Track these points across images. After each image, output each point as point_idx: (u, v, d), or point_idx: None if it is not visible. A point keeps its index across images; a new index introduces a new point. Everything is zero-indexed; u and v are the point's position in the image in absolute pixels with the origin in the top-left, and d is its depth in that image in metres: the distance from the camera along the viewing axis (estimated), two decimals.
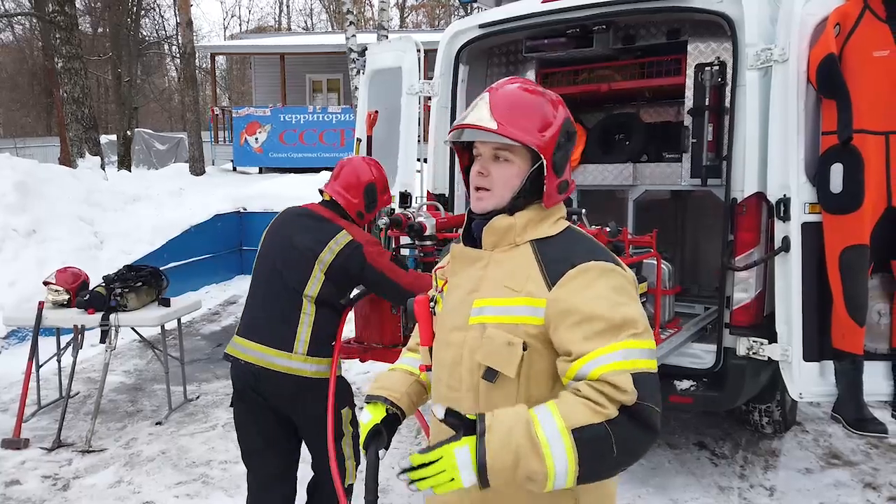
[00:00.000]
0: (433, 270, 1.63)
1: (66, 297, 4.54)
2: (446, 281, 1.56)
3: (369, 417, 1.58)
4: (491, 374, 1.37)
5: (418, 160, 4.47)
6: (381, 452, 1.52)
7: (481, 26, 4.16)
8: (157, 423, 4.55)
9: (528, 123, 1.40)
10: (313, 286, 2.53)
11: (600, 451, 1.22)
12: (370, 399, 1.62)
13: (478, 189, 1.45)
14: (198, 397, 5.07)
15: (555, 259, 1.38)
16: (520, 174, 1.42)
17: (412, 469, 1.23)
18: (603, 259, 1.37)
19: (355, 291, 2.84)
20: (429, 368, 1.58)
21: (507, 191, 1.43)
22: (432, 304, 1.59)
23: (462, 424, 1.26)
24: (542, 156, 1.40)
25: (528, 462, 1.20)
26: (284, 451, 2.66)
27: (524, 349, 1.35)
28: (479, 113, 1.41)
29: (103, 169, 11.18)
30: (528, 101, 1.43)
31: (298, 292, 2.53)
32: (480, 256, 1.47)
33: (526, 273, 1.39)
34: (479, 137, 1.44)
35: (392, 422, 1.59)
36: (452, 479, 1.21)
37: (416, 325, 1.65)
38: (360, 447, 1.56)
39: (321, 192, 2.83)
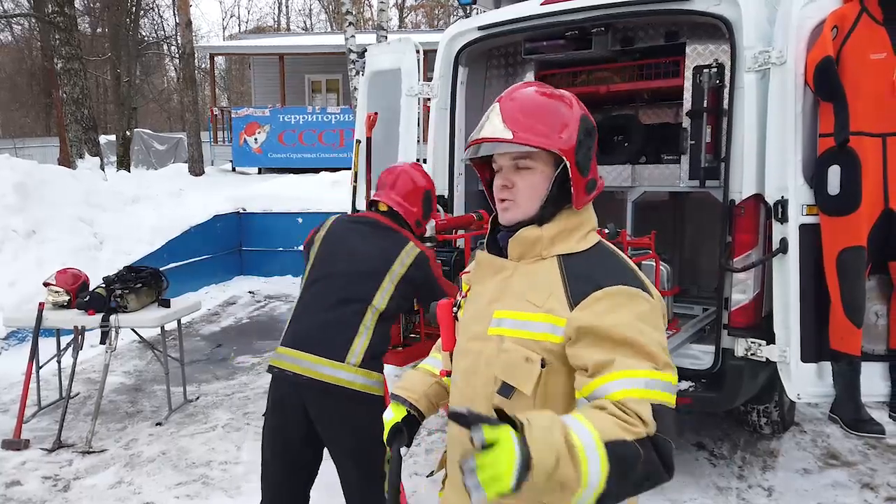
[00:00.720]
0: (459, 274, 1.62)
1: (67, 298, 4.54)
2: (470, 287, 1.54)
3: (391, 415, 1.59)
4: (507, 390, 1.34)
5: (417, 160, 4.47)
6: (403, 450, 1.52)
7: (480, 28, 4.18)
8: (157, 424, 4.56)
9: (544, 127, 1.34)
10: (382, 298, 2.47)
11: (627, 470, 1.15)
12: (393, 398, 1.63)
13: (503, 200, 1.40)
14: (198, 398, 5.08)
15: (580, 277, 1.33)
16: (545, 181, 1.38)
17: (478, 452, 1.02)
18: (630, 283, 1.31)
19: None
20: (449, 374, 1.56)
21: (535, 200, 1.38)
22: (455, 309, 1.56)
23: (488, 419, 1.05)
24: (564, 158, 1.34)
25: (566, 466, 1.08)
26: (308, 473, 2.57)
27: (542, 366, 1.31)
28: (493, 124, 1.36)
29: (103, 169, 11.19)
30: (540, 104, 1.38)
31: (364, 303, 2.45)
32: (505, 266, 1.43)
33: (549, 289, 1.34)
34: (496, 150, 1.38)
35: (412, 422, 1.60)
36: (504, 471, 1.01)
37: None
38: (384, 443, 1.58)
39: (374, 202, 2.75)
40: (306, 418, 2.42)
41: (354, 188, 4.80)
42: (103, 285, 4.48)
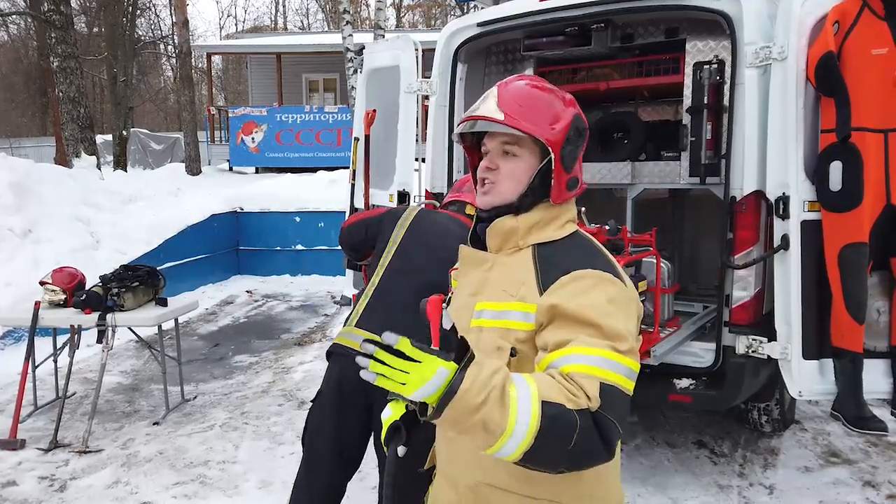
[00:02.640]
0: (449, 271, 1.63)
1: (63, 297, 4.51)
2: (457, 282, 1.56)
3: (389, 413, 1.58)
4: None
5: (416, 159, 4.45)
6: (400, 449, 1.51)
7: (479, 25, 4.15)
8: (154, 424, 4.54)
9: (537, 116, 1.37)
10: None
11: (560, 434, 1.14)
12: (392, 396, 1.58)
13: (484, 183, 1.42)
14: (195, 397, 5.06)
15: (552, 265, 1.34)
16: (528, 169, 1.39)
17: (384, 348, 1.11)
18: (602, 268, 1.32)
19: None
20: None
21: (516, 185, 1.40)
22: (445, 305, 1.55)
23: (456, 347, 1.15)
24: (550, 149, 1.37)
25: (492, 409, 1.10)
26: (351, 464, 2.52)
27: (512, 355, 1.32)
28: (487, 105, 1.39)
29: (99, 169, 11.15)
30: (536, 95, 1.40)
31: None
32: (485, 259, 1.45)
33: (522, 278, 1.35)
34: (486, 128, 1.41)
35: (413, 419, 1.57)
36: (404, 385, 1.09)
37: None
38: (382, 443, 1.55)
39: (457, 202, 2.76)
40: (366, 402, 2.35)
41: (353, 186, 4.78)
42: (100, 284, 4.45)
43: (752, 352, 3.24)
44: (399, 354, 1.10)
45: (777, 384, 3.69)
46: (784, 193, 3.05)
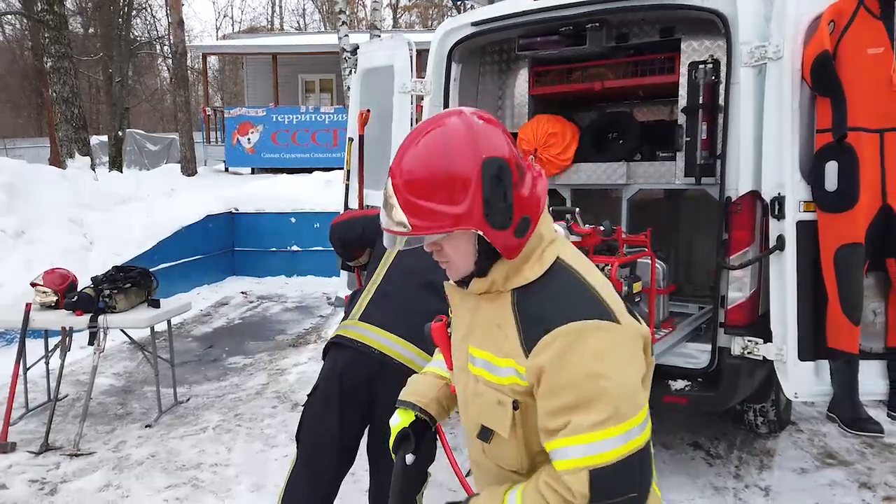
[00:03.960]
0: (444, 284, 1.54)
1: (54, 298, 4.48)
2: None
3: (398, 421, 1.58)
4: (485, 433, 1.33)
5: None
6: (408, 458, 1.50)
7: (474, 24, 4.13)
8: (146, 426, 4.50)
9: (439, 202, 1.21)
10: None
11: None
12: (401, 404, 1.61)
13: (440, 261, 1.35)
14: (188, 399, 5.02)
15: (531, 319, 1.25)
16: (469, 241, 1.28)
17: None
18: (582, 316, 1.20)
19: None
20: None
21: (467, 259, 1.30)
22: (449, 329, 1.53)
23: None
24: (470, 228, 1.23)
25: None
26: (349, 460, 2.49)
27: (515, 408, 1.28)
28: (393, 215, 1.26)
29: (93, 169, 11.10)
30: (431, 174, 1.22)
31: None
32: (467, 298, 1.39)
33: (504, 333, 1.29)
34: (407, 245, 1.30)
35: (422, 427, 1.58)
36: None
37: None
38: (390, 450, 1.56)
39: None
40: (369, 396, 2.36)
41: (347, 186, 4.75)
42: (92, 285, 4.42)
43: (748, 353, 3.23)
44: None
45: (773, 385, 3.68)
46: (779, 194, 3.04)
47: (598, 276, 1.33)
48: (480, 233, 1.24)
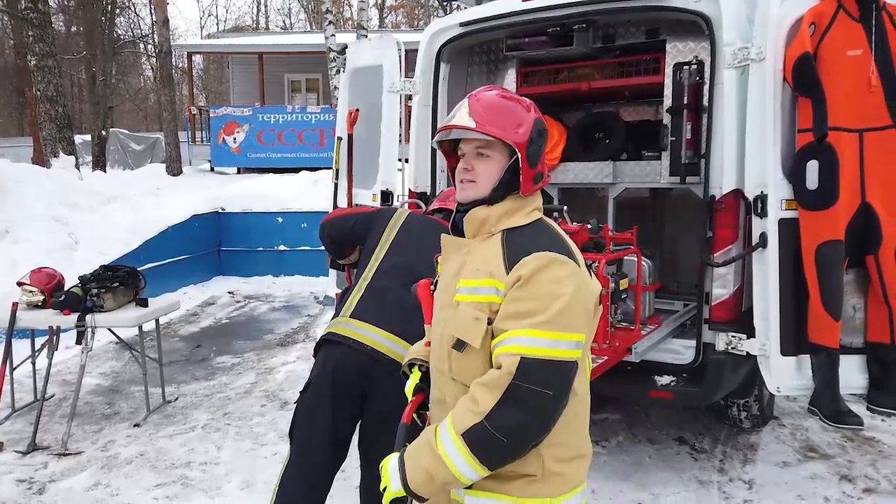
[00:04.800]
0: (434, 258, 1.88)
1: (41, 297, 4.45)
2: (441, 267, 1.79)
3: (410, 382, 1.84)
4: (460, 345, 1.57)
5: (400, 159, 4.45)
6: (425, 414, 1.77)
7: (462, 24, 4.17)
8: (134, 425, 4.49)
9: (504, 122, 1.58)
10: None
11: (489, 444, 1.44)
12: (406, 367, 1.88)
13: (462, 181, 1.64)
14: (176, 399, 5.01)
15: (517, 247, 1.55)
16: (499, 167, 1.61)
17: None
18: (558, 251, 1.53)
19: None
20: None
21: (489, 181, 1.61)
22: (433, 287, 1.82)
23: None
24: (516, 150, 1.58)
25: (439, 474, 1.48)
26: (342, 456, 2.52)
27: (489, 324, 1.52)
28: (460, 115, 1.61)
29: (78, 169, 10.99)
30: (502, 104, 1.62)
31: None
32: (463, 244, 1.67)
33: (492, 258, 1.56)
34: (461, 135, 1.63)
35: (427, 379, 1.82)
36: (385, 488, 1.55)
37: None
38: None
39: (446, 209, 2.84)
40: (360, 392, 2.39)
41: (336, 185, 4.77)
42: (79, 285, 4.40)
43: (732, 348, 3.29)
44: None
45: (756, 380, 3.74)
46: (762, 192, 3.10)
47: (570, 241, 1.64)
48: (512, 163, 1.59)
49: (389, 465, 1.56)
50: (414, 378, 1.84)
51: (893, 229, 2.97)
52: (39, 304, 4.45)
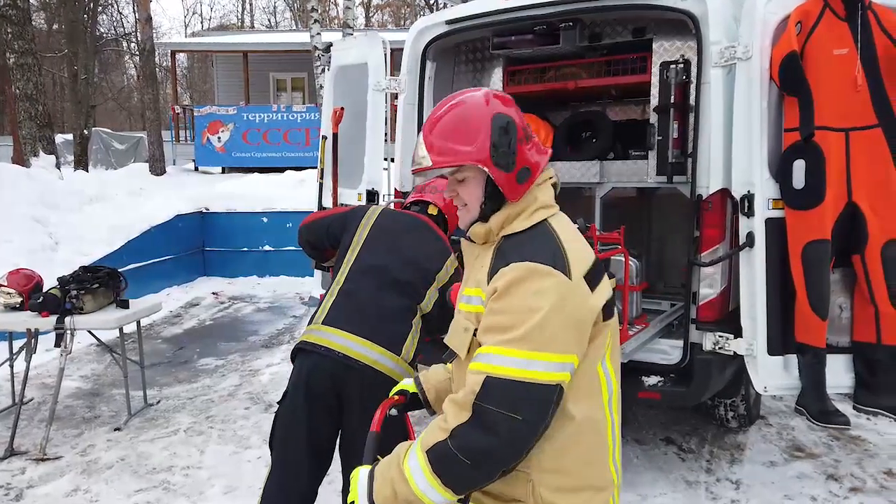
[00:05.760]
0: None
1: (19, 299, 4.36)
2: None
3: (401, 385, 1.87)
4: (451, 355, 1.56)
5: (385, 159, 4.41)
6: (393, 411, 1.79)
7: (448, 22, 4.13)
8: (115, 429, 4.41)
9: (456, 144, 1.49)
10: (429, 300, 2.50)
11: (450, 464, 1.35)
12: (416, 380, 1.89)
13: (458, 207, 1.60)
14: (158, 402, 4.93)
15: (502, 255, 1.46)
16: (478, 185, 1.53)
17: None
18: (538, 260, 1.40)
19: None
20: None
21: (476, 201, 1.55)
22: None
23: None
24: (478, 164, 1.48)
25: (401, 490, 1.39)
26: (324, 465, 2.49)
27: (474, 335, 1.48)
28: (419, 153, 1.54)
29: (58, 168, 10.84)
30: (450, 119, 1.52)
31: (415, 302, 2.47)
32: (474, 250, 1.61)
33: (485, 267, 1.50)
34: (427, 177, 1.66)
35: (415, 401, 1.85)
36: (353, 502, 1.47)
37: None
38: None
39: (421, 202, 2.83)
40: (337, 400, 2.36)
41: (321, 185, 4.72)
42: (58, 286, 4.31)
43: (719, 348, 3.28)
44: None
45: (743, 380, 3.74)
46: (749, 191, 3.09)
47: (578, 245, 1.49)
48: (489, 174, 1.48)
49: (359, 478, 1.47)
50: (407, 387, 1.83)
51: (879, 229, 2.97)
52: (17, 305, 4.35)
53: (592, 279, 1.45)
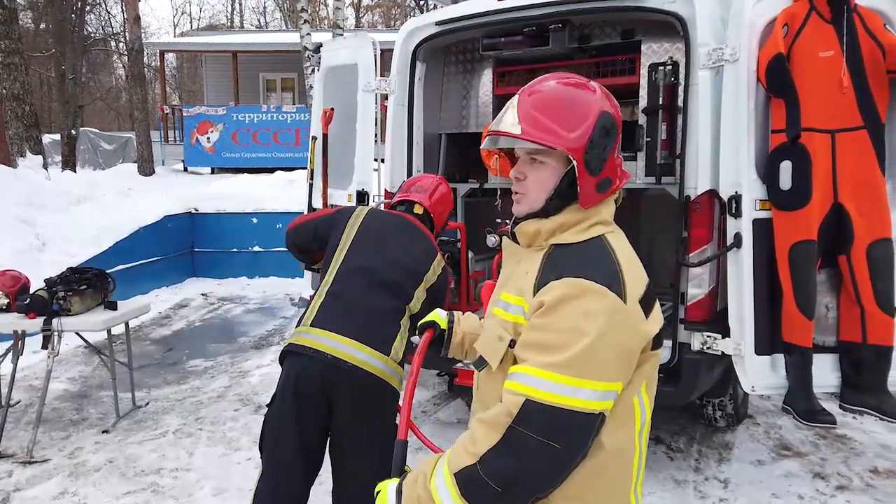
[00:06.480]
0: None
1: (5, 301, 4.32)
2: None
3: (432, 315, 1.84)
4: (480, 363, 1.45)
5: (375, 159, 4.41)
6: (414, 339, 1.81)
7: (438, 23, 4.14)
8: (103, 432, 4.38)
9: (555, 124, 1.34)
10: (417, 300, 2.52)
11: (480, 490, 1.26)
12: (448, 322, 1.85)
13: (516, 193, 1.44)
14: (147, 404, 4.90)
15: (553, 266, 1.33)
16: (553, 175, 1.39)
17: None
18: (592, 278, 1.27)
19: None
20: None
21: (542, 193, 1.40)
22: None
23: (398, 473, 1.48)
24: (571, 157, 1.34)
25: None
26: (315, 467, 2.48)
27: (511, 346, 1.36)
28: (506, 117, 1.39)
29: (46, 168, 10.76)
30: (557, 99, 1.38)
31: (403, 302, 2.48)
32: (517, 252, 1.48)
33: (530, 275, 1.37)
34: (506, 144, 1.45)
35: (440, 338, 1.83)
36: None
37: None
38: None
39: (407, 202, 2.83)
40: (326, 401, 2.36)
41: (311, 185, 4.71)
42: (45, 287, 4.28)
43: (707, 348, 3.30)
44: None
45: (730, 380, 3.77)
46: (736, 192, 3.12)
47: (636, 267, 1.37)
48: (571, 169, 1.35)
49: (388, 494, 1.38)
50: (435, 317, 1.82)
51: (865, 229, 3.00)
52: (4, 307, 4.31)
53: (647, 304, 1.34)
